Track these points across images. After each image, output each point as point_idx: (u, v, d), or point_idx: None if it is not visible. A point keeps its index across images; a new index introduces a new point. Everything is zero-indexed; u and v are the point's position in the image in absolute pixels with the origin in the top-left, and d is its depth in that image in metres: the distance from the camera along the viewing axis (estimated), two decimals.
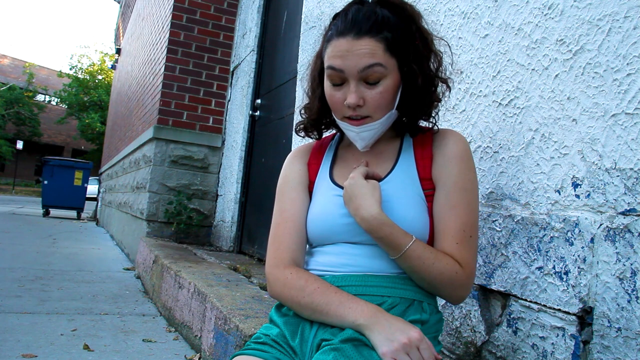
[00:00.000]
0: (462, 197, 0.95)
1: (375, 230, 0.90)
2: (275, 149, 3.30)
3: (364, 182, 0.93)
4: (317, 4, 2.61)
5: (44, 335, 2.08)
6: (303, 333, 0.93)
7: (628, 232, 0.91)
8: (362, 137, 0.99)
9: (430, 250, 0.92)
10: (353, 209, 0.93)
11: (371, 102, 0.94)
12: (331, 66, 0.95)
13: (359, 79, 0.93)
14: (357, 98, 0.93)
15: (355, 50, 0.91)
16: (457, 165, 0.97)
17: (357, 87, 0.93)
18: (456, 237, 0.94)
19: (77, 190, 9.76)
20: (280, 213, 1.06)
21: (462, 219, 0.94)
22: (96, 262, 4.34)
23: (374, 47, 0.91)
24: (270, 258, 1.02)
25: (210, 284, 2.14)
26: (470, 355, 1.27)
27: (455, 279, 0.92)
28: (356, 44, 0.91)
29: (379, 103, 0.94)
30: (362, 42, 0.91)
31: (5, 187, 25.49)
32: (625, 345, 0.90)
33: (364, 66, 0.91)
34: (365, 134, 0.98)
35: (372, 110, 0.95)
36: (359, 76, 0.92)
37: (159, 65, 4.52)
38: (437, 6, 1.57)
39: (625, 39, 0.96)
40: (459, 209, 0.95)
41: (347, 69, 0.92)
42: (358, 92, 0.93)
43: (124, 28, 11.21)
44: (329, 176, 1.05)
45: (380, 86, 0.93)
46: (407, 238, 0.90)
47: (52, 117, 31.52)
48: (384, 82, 0.93)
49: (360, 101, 0.93)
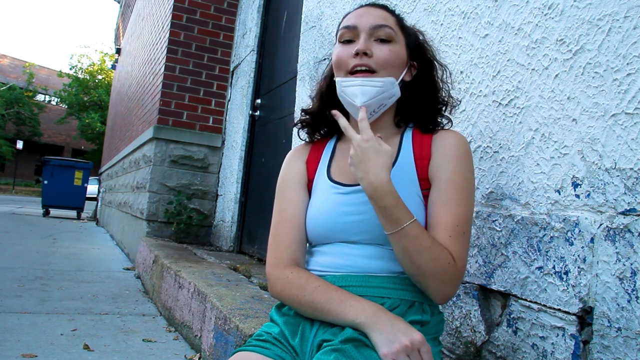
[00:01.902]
0: (457, 193, 0.94)
1: (380, 197, 0.87)
2: (275, 149, 3.30)
3: (378, 147, 0.89)
4: (317, 4, 2.61)
5: (44, 335, 2.08)
6: (303, 333, 0.93)
7: (628, 232, 0.91)
8: (363, 92, 0.96)
9: (428, 235, 0.90)
10: (362, 171, 0.88)
11: (379, 55, 0.97)
12: (345, 25, 1.00)
13: (370, 35, 0.98)
14: (366, 46, 0.97)
15: (371, 12, 1.01)
16: (453, 163, 0.96)
17: (367, 39, 0.98)
18: (449, 230, 0.92)
19: (77, 190, 9.76)
20: (280, 212, 1.05)
21: (457, 214, 0.93)
22: (96, 262, 4.35)
23: (387, 16, 1.02)
24: (271, 258, 1.02)
25: (210, 283, 2.14)
26: (470, 355, 1.27)
27: (447, 270, 0.89)
28: (371, 9, 1.02)
29: (387, 58, 0.97)
30: (377, 9, 1.02)
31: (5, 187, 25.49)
32: (625, 345, 0.90)
33: (377, 24, 0.98)
34: (368, 88, 0.96)
35: (379, 64, 0.97)
36: (370, 32, 0.98)
37: (159, 65, 4.52)
38: (437, 6, 1.57)
39: (625, 39, 0.96)
40: (453, 205, 0.94)
41: (360, 24, 0.99)
42: (368, 42, 0.98)
43: (124, 28, 11.21)
44: (327, 174, 1.05)
45: (389, 45, 0.99)
46: (408, 215, 0.88)
47: (52, 117, 31.51)
48: (392, 45, 0.99)
49: (368, 50, 0.97)
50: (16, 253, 4.38)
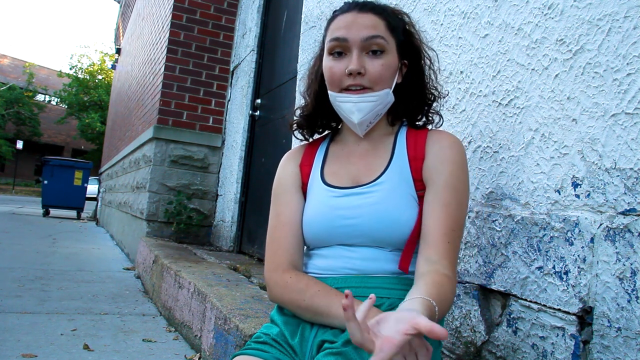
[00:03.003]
0: (454, 196, 0.94)
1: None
2: (275, 148, 3.30)
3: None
4: (317, 4, 2.61)
5: (44, 335, 2.08)
6: (303, 333, 0.93)
7: (628, 232, 0.91)
8: (359, 108, 0.97)
9: (438, 293, 0.83)
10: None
11: (372, 72, 0.95)
12: (335, 37, 0.98)
13: (362, 49, 0.96)
14: (359, 65, 0.95)
15: (360, 21, 0.96)
16: (449, 166, 0.96)
17: (359, 55, 0.96)
18: (447, 235, 0.92)
19: (77, 190, 9.76)
20: (277, 216, 1.05)
21: (454, 218, 0.93)
22: (96, 262, 4.35)
23: (376, 22, 0.97)
24: (269, 262, 1.02)
25: (210, 283, 2.14)
26: (470, 355, 1.27)
27: (453, 295, 0.89)
28: (360, 16, 0.97)
29: (380, 74, 0.96)
30: (365, 15, 0.97)
31: (5, 187, 25.49)
32: (625, 345, 0.90)
33: (368, 35, 0.95)
34: (364, 104, 0.97)
35: (373, 81, 0.96)
36: (362, 45, 0.95)
37: (159, 65, 4.52)
38: (437, 6, 1.57)
39: (625, 39, 0.96)
40: (450, 208, 0.93)
41: (351, 37, 0.95)
42: (360, 59, 0.95)
43: (124, 28, 11.21)
44: (321, 177, 1.04)
45: (382, 58, 0.96)
46: (430, 308, 0.80)
47: (52, 117, 31.50)
48: (385, 56, 0.96)
49: (361, 69, 0.95)
50: (16, 253, 4.38)
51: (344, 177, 1.01)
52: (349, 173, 1.02)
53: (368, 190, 0.97)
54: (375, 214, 0.94)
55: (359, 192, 0.97)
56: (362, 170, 1.00)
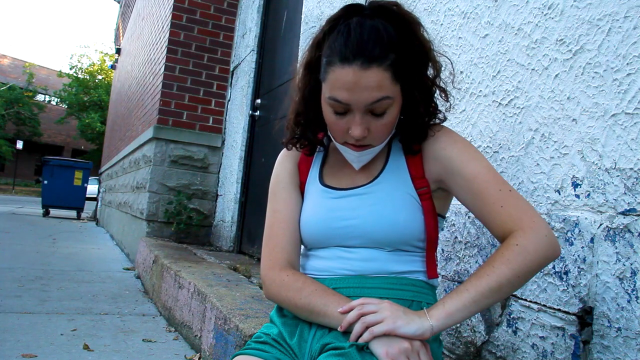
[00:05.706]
0: (476, 166, 0.91)
1: (452, 318, 0.83)
2: (275, 148, 3.30)
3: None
4: (317, 4, 2.61)
5: (44, 335, 2.08)
6: (302, 334, 0.93)
7: (628, 232, 0.91)
8: (360, 160, 0.96)
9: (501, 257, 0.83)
10: (412, 328, 0.82)
11: (376, 132, 0.91)
12: (336, 98, 0.87)
13: (365, 112, 0.88)
14: (364, 130, 0.88)
15: (363, 84, 0.84)
16: (453, 148, 0.94)
17: (362, 118, 0.88)
18: (499, 201, 0.88)
19: (77, 190, 9.75)
20: (274, 214, 1.05)
21: (490, 182, 0.89)
22: (96, 262, 4.35)
23: (381, 79, 0.84)
24: (266, 260, 1.01)
25: (210, 284, 2.14)
26: (470, 355, 1.27)
27: (547, 249, 0.83)
28: (364, 75, 0.83)
29: (384, 132, 0.92)
30: (369, 73, 0.83)
31: (5, 187, 25.49)
32: (625, 345, 0.90)
33: (373, 100, 0.86)
34: (365, 157, 0.96)
35: (376, 139, 0.92)
36: (366, 109, 0.87)
37: (159, 65, 4.52)
38: (437, 6, 1.57)
39: (625, 39, 0.96)
40: (480, 178, 0.90)
41: (354, 102, 0.86)
42: (364, 123, 0.88)
43: (124, 28, 11.21)
44: (319, 178, 1.04)
45: (386, 117, 0.89)
46: (483, 280, 0.82)
47: (52, 117, 31.50)
48: (389, 112, 0.89)
49: (365, 132, 0.89)
50: (16, 253, 4.38)
51: (341, 179, 1.01)
52: (347, 174, 1.01)
53: (365, 192, 0.97)
54: (373, 215, 0.94)
55: (357, 193, 0.97)
56: (359, 171, 1.00)
